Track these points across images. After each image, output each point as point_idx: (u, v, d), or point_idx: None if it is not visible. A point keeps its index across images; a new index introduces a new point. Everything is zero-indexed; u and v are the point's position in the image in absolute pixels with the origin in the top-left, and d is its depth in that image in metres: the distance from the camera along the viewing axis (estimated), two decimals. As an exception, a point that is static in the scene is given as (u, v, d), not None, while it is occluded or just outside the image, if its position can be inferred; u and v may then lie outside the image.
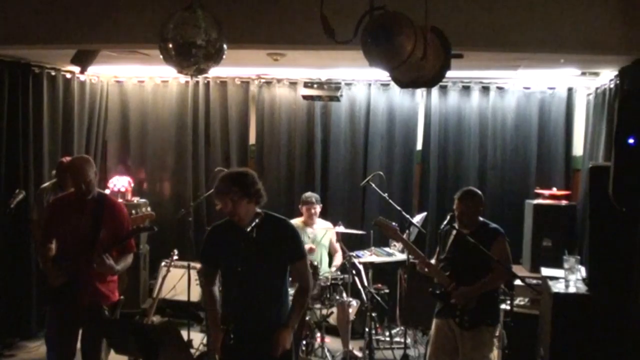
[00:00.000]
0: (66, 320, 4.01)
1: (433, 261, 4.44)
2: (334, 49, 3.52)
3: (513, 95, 6.76)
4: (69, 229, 4.01)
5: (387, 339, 6.07)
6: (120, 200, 6.70)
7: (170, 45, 3.48)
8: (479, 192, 4.35)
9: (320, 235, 6.12)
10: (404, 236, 4.60)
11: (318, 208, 6.16)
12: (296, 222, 5.87)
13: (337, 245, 6.30)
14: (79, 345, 4.13)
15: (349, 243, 6.30)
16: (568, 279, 4.32)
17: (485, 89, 6.81)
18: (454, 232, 4.24)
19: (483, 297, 4.12)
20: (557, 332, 4.14)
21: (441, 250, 4.38)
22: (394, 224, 4.62)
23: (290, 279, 3.60)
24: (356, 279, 5.88)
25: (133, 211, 6.34)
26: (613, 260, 4.01)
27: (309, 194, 6.22)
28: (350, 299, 5.72)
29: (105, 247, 3.88)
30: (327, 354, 5.52)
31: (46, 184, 5.50)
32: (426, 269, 4.32)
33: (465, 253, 4.14)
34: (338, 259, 6.25)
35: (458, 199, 4.28)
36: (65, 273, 3.90)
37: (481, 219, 4.31)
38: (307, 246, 5.06)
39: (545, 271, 4.82)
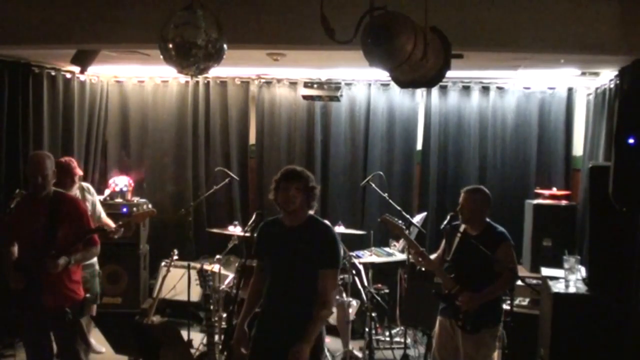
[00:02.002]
0: (34, 324, 3.96)
1: (433, 257, 4.44)
2: (334, 49, 3.52)
3: (513, 95, 6.76)
4: (25, 231, 3.94)
5: (387, 339, 6.06)
6: (120, 200, 6.74)
7: (170, 45, 3.48)
8: (487, 191, 4.33)
9: None
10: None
11: None
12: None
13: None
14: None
15: (349, 243, 6.29)
16: (568, 279, 4.32)
17: (485, 89, 6.81)
18: (459, 234, 4.24)
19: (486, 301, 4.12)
20: (557, 332, 4.13)
21: (447, 252, 4.38)
22: (399, 222, 4.62)
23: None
24: (356, 279, 5.87)
25: (134, 209, 6.33)
26: (613, 260, 4.01)
27: None
28: (350, 299, 5.71)
29: (65, 246, 3.82)
30: (327, 354, 5.50)
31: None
32: (420, 259, 4.33)
33: (470, 256, 4.14)
34: None
35: (463, 191, 4.29)
36: (25, 276, 3.83)
37: (488, 220, 4.31)
38: None
39: (545, 271, 4.82)
